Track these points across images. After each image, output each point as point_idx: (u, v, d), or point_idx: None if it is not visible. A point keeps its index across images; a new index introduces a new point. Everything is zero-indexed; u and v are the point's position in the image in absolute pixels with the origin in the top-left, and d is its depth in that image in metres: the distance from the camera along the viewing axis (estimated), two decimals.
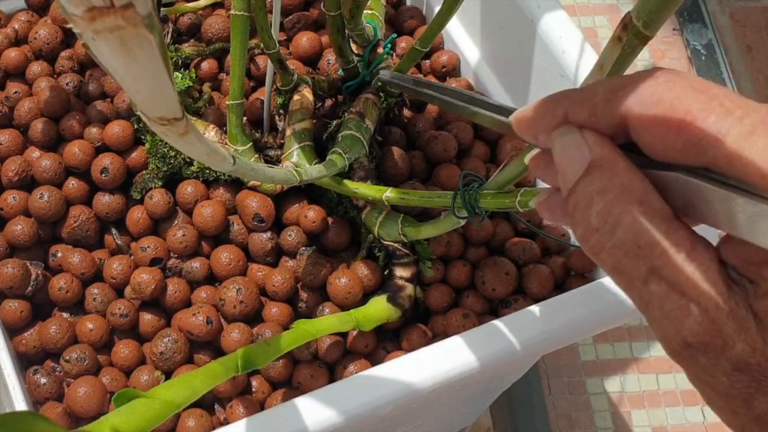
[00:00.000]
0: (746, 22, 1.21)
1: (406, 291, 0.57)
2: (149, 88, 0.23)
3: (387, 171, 0.61)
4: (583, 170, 0.25)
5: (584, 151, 0.25)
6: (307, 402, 0.47)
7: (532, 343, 0.50)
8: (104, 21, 0.19)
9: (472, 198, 0.47)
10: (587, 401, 0.96)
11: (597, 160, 0.25)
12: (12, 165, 0.60)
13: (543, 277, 0.58)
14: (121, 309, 0.56)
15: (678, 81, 0.23)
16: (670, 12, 0.31)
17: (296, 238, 0.59)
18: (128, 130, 0.62)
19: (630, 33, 0.33)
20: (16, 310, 0.56)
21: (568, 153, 0.26)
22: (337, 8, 0.55)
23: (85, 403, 0.52)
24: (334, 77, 0.62)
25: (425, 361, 0.49)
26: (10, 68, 0.66)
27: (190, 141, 0.29)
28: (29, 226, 0.59)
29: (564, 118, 0.26)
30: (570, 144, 0.26)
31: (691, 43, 1.20)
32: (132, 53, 0.20)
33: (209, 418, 0.54)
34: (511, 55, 0.66)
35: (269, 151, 0.61)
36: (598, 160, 0.25)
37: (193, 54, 0.66)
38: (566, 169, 0.26)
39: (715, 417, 0.99)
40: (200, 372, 0.42)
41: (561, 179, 0.26)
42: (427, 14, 0.74)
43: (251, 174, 0.43)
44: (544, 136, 0.27)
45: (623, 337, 1.00)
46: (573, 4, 1.22)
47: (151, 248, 0.58)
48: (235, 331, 0.55)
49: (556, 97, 0.27)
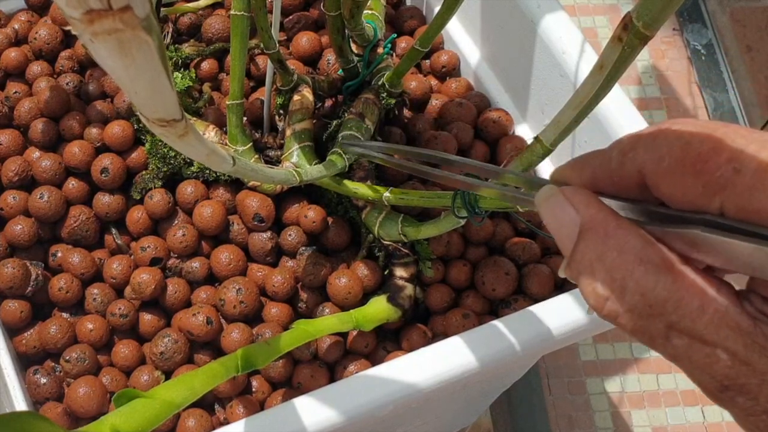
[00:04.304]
0: (746, 22, 1.21)
1: (406, 291, 0.57)
2: (148, 90, 0.23)
3: (387, 171, 0.61)
4: (576, 235, 0.24)
5: (572, 214, 0.25)
6: (307, 402, 0.47)
7: (532, 343, 0.50)
8: (102, 23, 0.19)
9: (472, 198, 0.47)
10: (587, 401, 0.96)
11: (587, 224, 0.24)
12: (12, 165, 0.60)
13: (543, 277, 0.58)
14: (121, 309, 0.56)
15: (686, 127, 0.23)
16: (670, 12, 0.31)
17: (296, 238, 0.59)
18: (128, 130, 0.62)
19: (630, 33, 0.32)
20: (16, 310, 0.56)
21: (555, 218, 0.25)
22: (337, 8, 0.55)
23: (85, 403, 0.52)
24: (334, 77, 0.62)
25: (425, 361, 0.49)
26: (10, 68, 0.66)
27: (190, 142, 0.29)
28: (29, 226, 0.59)
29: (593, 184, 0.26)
30: (555, 207, 0.25)
31: (691, 43, 1.20)
32: (130, 55, 0.20)
33: (209, 418, 0.54)
34: (511, 55, 0.66)
35: (269, 152, 0.61)
36: (588, 223, 0.24)
37: (193, 54, 0.66)
38: (558, 234, 0.25)
39: (715, 417, 1.00)
40: (200, 372, 0.42)
41: (558, 245, 0.25)
42: (427, 14, 0.74)
43: (251, 174, 0.43)
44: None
45: (623, 337, 1.00)
46: (573, 4, 1.22)
47: (151, 248, 0.58)
48: (235, 331, 0.55)
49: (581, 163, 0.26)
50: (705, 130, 0.23)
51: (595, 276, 0.24)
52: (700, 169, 0.22)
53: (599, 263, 0.23)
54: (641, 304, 0.23)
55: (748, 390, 0.22)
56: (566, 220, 0.25)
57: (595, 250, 0.24)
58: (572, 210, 0.25)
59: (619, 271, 0.23)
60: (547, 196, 0.26)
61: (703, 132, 0.23)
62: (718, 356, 0.22)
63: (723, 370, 0.22)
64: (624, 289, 0.23)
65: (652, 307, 0.23)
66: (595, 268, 0.24)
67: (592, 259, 0.24)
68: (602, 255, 0.23)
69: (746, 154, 0.22)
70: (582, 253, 0.24)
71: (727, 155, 0.22)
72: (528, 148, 0.44)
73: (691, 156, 0.22)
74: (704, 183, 0.22)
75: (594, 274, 0.24)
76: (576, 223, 0.24)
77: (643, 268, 0.23)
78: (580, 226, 0.24)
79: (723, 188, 0.22)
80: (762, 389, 0.22)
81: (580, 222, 0.24)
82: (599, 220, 0.24)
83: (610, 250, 0.23)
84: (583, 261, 0.24)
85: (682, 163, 0.23)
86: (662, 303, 0.22)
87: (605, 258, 0.23)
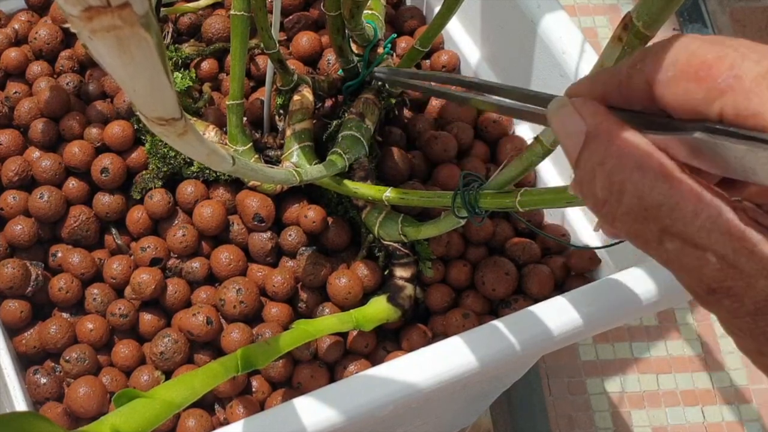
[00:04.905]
0: (746, 22, 1.21)
1: (406, 291, 0.57)
2: (147, 88, 0.23)
3: (387, 171, 0.61)
4: (582, 143, 0.25)
5: (579, 123, 0.25)
6: (307, 402, 0.47)
7: (532, 343, 0.50)
8: (101, 20, 0.19)
9: (472, 198, 0.47)
10: (587, 401, 0.96)
11: (592, 131, 0.25)
12: (12, 165, 0.60)
13: (543, 277, 0.58)
14: (121, 309, 0.56)
15: (692, 40, 0.24)
16: (670, 12, 0.31)
17: (296, 238, 0.59)
18: (128, 130, 0.62)
19: (630, 33, 0.33)
20: (16, 310, 0.56)
21: (564, 127, 0.26)
22: (337, 8, 0.55)
23: (85, 403, 0.52)
24: (334, 77, 0.62)
25: (425, 361, 0.49)
26: (10, 68, 0.66)
27: (189, 141, 0.29)
28: (29, 226, 0.59)
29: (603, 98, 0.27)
30: (564, 117, 0.26)
31: None
32: (129, 53, 0.20)
33: (209, 418, 0.54)
34: (511, 55, 0.66)
35: (269, 152, 0.61)
36: (593, 131, 0.25)
37: (193, 54, 0.66)
38: (566, 143, 0.26)
39: (715, 417, 1.00)
40: (200, 372, 0.42)
41: (565, 155, 0.26)
42: (427, 14, 0.74)
43: (251, 174, 0.43)
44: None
45: (623, 337, 1.00)
46: (573, 4, 1.22)
47: (151, 248, 0.58)
48: (235, 331, 0.55)
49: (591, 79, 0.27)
50: (711, 41, 0.23)
51: (595, 180, 0.25)
52: (704, 75, 0.23)
53: (600, 167, 0.24)
54: (637, 207, 0.24)
55: (734, 292, 0.23)
56: (574, 129, 0.26)
57: (598, 155, 0.25)
58: (580, 119, 0.25)
59: (618, 175, 0.24)
60: (558, 107, 0.27)
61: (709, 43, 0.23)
62: (708, 259, 0.23)
63: (712, 273, 0.23)
64: (622, 193, 0.24)
65: (648, 211, 0.23)
66: (596, 172, 0.24)
67: (594, 164, 0.25)
68: (603, 160, 0.24)
69: (747, 63, 0.22)
70: (585, 159, 0.25)
71: (729, 63, 0.23)
72: (528, 148, 0.44)
73: (695, 64, 0.23)
74: (706, 89, 0.23)
75: (594, 179, 0.25)
76: (583, 131, 0.25)
77: (641, 173, 0.24)
78: (585, 134, 0.25)
79: (723, 93, 0.23)
80: (747, 291, 0.22)
81: (586, 130, 0.25)
82: (604, 128, 0.25)
83: (611, 155, 0.24)
84: (585, 166, 0.25)
85: (686, 71, 0.23)
86: (657, 207, 0.23)
87: (606, 162, 0.24)
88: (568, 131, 0.26)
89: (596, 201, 0.25)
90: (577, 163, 0.25)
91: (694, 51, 0.23)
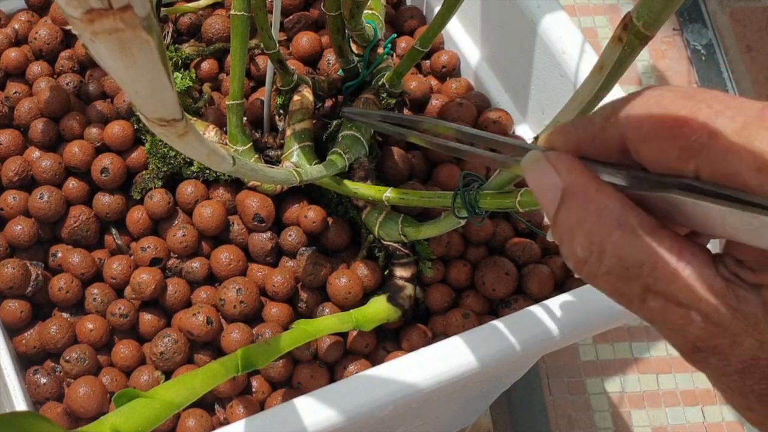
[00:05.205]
0: (746, 22, 1.21)
1: (406, 291, 0.57)
2: (148, 90, 0.23)
3: (387, 171, 0.61)
4: (558, 198, 0.25)
5: (555, 178, 0.25)
6: (307, 402, 0.47)
7: (532, 343, 0.50)
8: (102, 23, 0.19)
9: (472, 198, 0.47)
10: (587, 401, 0.96)
11: (569, 188, 0.25)
12: (12, 165, 0.60)
13: (543, 277, 0.58)
14: (121, 309, 0.56)
15: (665, 94, 0.24)
16: (670, 12, 0.31)
17: (296, 238, 0.59)
18: (128, 130, 0.62)
19: (630, 33, 0.33)
20: (16, 310, 0.56)
21: (540, 182, 0.26)
22: (337, 8, 0.55)
23: (85, 403, 0.52)
24: (334, 77, 0.62)
25: (425, 361, 0.49)
26: (10, 68, 0.66)
27: (190, 142, 0.29)
28: (29, 226, 0.59)
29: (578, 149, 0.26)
30: (539, 172, 0.26)
31: (691, 43, 1.20)
32: (131, 55, 0.20)
33: (209, 418, 0.54)
34: (511, 55, 0.66)
35: (269, 151, 0.61)
36: (569, 188, 0.25)
37: (193, 54, 0.66)
38: (543, 200, 0.25)
39: (715, 417, 1.00)
40: (200, 372, 0.42)
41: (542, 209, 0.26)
42: (427, 14, 0.74)
43: (251, 174, 0.43)
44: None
45: (623, 337, 1.00)
46: (573, 4, 1.22)
47: (151, 248, 0.58)
48: (235, 331, 0.55)
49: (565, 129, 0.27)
50: (684, 96, 0.23)
51: (575, 239, 0.24)
52: (677, 133, 0.23)
53: (579, 227, 0.24)
54: (618, 267, 0.23)
55: (720, 351, 0.22)
56: (549, 185, 0.25)
57: (576, 214, 0.24)
58: (555, 174, 0.25)
59: (598, 234, 0.24)
60: (532, 161, 0.26)
61: (681, 98, 0.23)
62: (692, 318, 0.22)
63: (696, 332, 0.22)
64: (602, 252, 0.24)
65: (629, 270, 0.23)
66: (575, 232, 0.24)
67: (573, 223, 0.24)
68: (582, 219, 0.24)
69: (721, 119, 0.22)
70: (563, 217, 0.25)
71: (702, 120, 0.22)
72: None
73: (669, 121, 0.23)
74: (680, 147, 0.23)
75: (574, 238, 0.24)
76: (559, 187, 0.25)
77: (620, 232, 0.23)
78: (562, 190, 0.25)
79: (698, 152, 0.22)
80: (733, 350, 0.22)
81: (562, 186, 0.25)
82: (580, 185, 0.24)
83: (589, 214, 0.24)
84: (564, 224, 0.25)
85: (660, 128, 0.23)
86: (639, 265, 0.23)
87: (585, 221, 0.24)
88: (543, 187, 0.25)
89: (576, 260, 0.24)
90: (555, 219, 0.25)
91: (667, 106, 0.23)
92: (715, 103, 0.22)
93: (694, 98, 0.23)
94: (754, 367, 0.22)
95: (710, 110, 0.22)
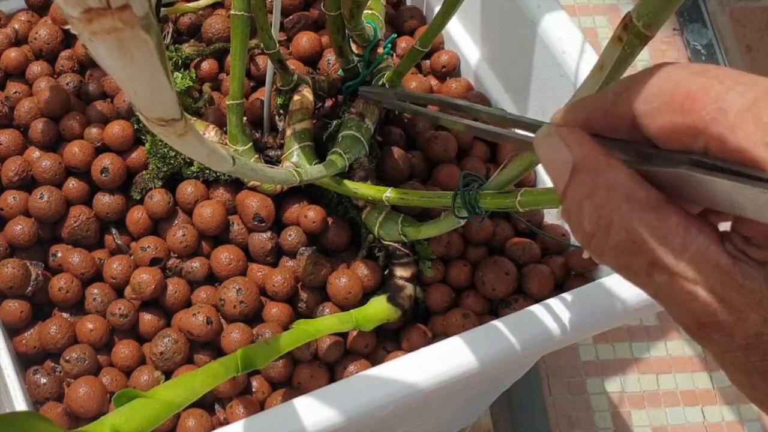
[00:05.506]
0: (746, 22, 1.21)
1: (406, 291, 0.57)
2: (147, 89, 0.23)
3: (387, 171, 0.61)
4: (569, 174, 0.25)
5: (565, 153, 0.25)
6: (307, 402, 0.47)
7: (532, 343, 0.50)
8: (101, 22, 0.19)
9: (472, 198, 0.47)
10: (587, 401, 0.96)
11: (579, 162, 0.25)
12: (12, 165, 0.60)
13: (543, 277, 0.58)
14: (121, 309, 0.56)
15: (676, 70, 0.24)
16: (670, 12, 0.31)
17: (296, 238, 0.59)
18: (128, 130, 0.62)
19: (630, 33, 0.33)
20: (16, 310, 0.56)
21: (551, 157, 0.26)
22: (337, 8, 0.55)
23: (85, 403, 0.52)
24: (334, 77, 0.62)
25: (425, 361, 0.49)
26: (10, 68, 0.66)
27: (189, 141, 0.29)
28: (29, 226, 0.59)
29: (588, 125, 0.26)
30: (551, 146, 0.26)
31: (691, 43, 1.20)
32: (129, 54, 0.20)
33: (209, 418, 0.54)
34: (511, 55, 0.66)
35: (269, 151, 0.61)
36: (580, 162, 0.25)
37: (193, 54, 0.66)
38: (553, 174, 0.26)
39: (715, 417, 1.00)
40: (200, 372, 0.42)
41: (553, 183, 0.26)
42: (427, 14, 0.74)
43: (251, 174, 0.43)
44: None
45: (623, 337, 1.00)
46: (573, 4, 1.22)
47: (151, 248, 0.58)
48: (235, 331, 0.55)
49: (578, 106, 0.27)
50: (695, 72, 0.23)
51: (583, 213, 0.24)
52: (688, 108, 0.23)
53: (588, 200, 0.24)
54: (626, 241, 0.23)
55: (724, 327, 0.22)
56: (560, 159, 0.25)
57: (585, 188, 0.24)
58: (566, 149, 0.25)
59: (606, 208, 0.24)
60: (544, 136, 0.26)
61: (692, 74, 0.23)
62: (697, 293, 0.22)
63: (701, 307, 0.22)
64: (610, 226, 0.24)
65: (636, 244, 0.23)
66: (583, 205, 0.24)
67: (582, 197, 0.24)
68: (591, 192, 0.24)
69: (732, 95, 0.22)
70: (573, 191, 0.25)
71: (713, 95, 0.22)
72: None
73: (680, 96, 0.23)
74: (691, 122, 0.23)
75: (582, 212, 0.24)
76: (569, 161, 0.25)
77: (629, 206, 0.23)
78: (572, 164, 0.25)
79: (708, 127, 0.22)
80: (737, 326, 0.22)
81: (573, 161, 0.25)
82: (590, 159, 0.25)
83: (598, 187, 0.24)
84: (573, 198, 0.25)
85: (671, 103, 0.23)
86: (646, 240, 0.23)
87: (594, 195, 0.24)
88: (554, 161, 0.26)
89: (584, 234, 0.25)
90: (565, 193, 0.25)
91: (678, 81, 0.23)
92: (726, 79, 0.22)
93: (705, 74, 0.23)
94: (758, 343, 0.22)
95: (721, 86, 0.22)
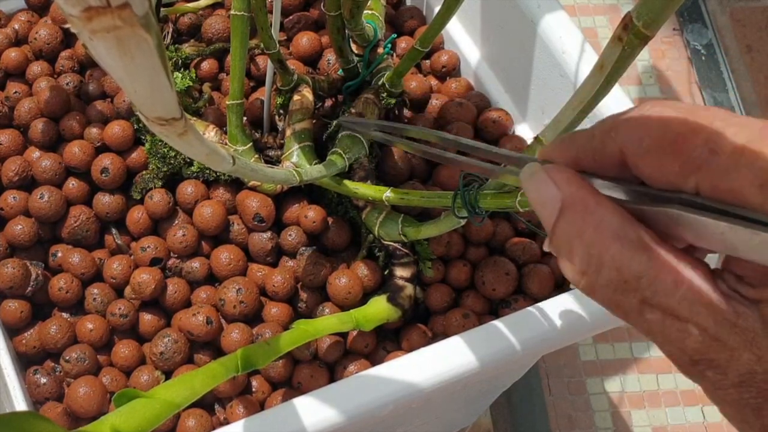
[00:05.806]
0: (746, 22, 1.21)
1: (406, 291, 0.57)
2: (147, 89, 0.23)
3: (387, 171, 0.61)
4: (557, 211, 0.25)
5: (553, 191, 0.25)
6: (307, 402, 0.47)
7: (532, 343, 0.50)
8: (101, 21, 0.19)
9: (472, 198, 0.47)
10: (587, 401, 0.96)
11: (567, 201, 0.25)
12: (12, 165, 0.60)
13: (543, 277, 0.58)
14: (121, 309, 0.56)
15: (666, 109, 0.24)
16: (670, 12, 0.31)
17: (296, 238, 0.59)
18: (128, 130, 0.62)
19: (630, 33, 0.32)
20: (16, 310, 0.56)
21: (538, 194, 0.26)
22: (337, 8, 0.55)
23: (85, 403, 0.52)
24: (334, 77, 0.62)
25: (425, 361, 0.49)
26: (10, 68, 0.66)
27: (189, 141, 0.29)
28: (29, 226, 0.59)
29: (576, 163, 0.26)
30: (538, 184, 0.26)
31: (691, 43, 1.20)
32: (129, 53, 0.20)
33: (209, 418, 0.54)
34: (511, 55, 0.66)
35: (269, 151, 0.61)
36: (568, 201, 0.25)
37: (193, 54, 0.66)
38: (541, 211, 0.26)
39: (715, 417, 0.99)
40: (200, 372, 0.42)
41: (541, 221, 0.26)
42: (427, 14, 0.74)
43: (251, 174, 0.43)
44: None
45: (623, 337, 1.00)
46: (573, 4, 1.22)
47: (151, 248, 0.58)
48: (235, 331, 0.55)
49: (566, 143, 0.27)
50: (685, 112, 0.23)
51: (573, 251, 0.24)
52: (678, 149, 0.23)
53: (577, 239, 0.24)
54: (617, 279, 0.23)
55: (717, 364, 0.22)
56: (548, 197, 0.25)
57: (574, 227, 0.24)
58: (554, 187, 0.25)
59: (596, 247, 0.24)
60: (531, 173, 0.26)
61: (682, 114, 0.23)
62: (690, 331, 0.22)
63: (694, 345, 0.23)
64: (600, 264, 0.24)
65: (627, 283, 0.23)
66: (573, 244, 0.24)
67: (571, 235, 0.24)
68: (580, 231, 0.24)
69: (723, 137, 0.22)
70: (562, 229, 0.25)
71: (704, 137, 0.22)
72: (528, 148, 0.44)
73: (670, 136, 0.23)
74: (681, 163, 0.23)
75: (572, 250, 0.24)
76: (557, 199, 0.25)
77: (619, 245, 0.23)
78: (560, 202, 0.25)
79: (699, 168, 0.22)
80: (731, 364, 0.22)
81: (561, 199, 0.25)
82: (579, 198, 0.24)
83: (588, 226, 0.24)
84: (562, 237, 0.25)
85: (660, 144, 0.23)
86: (637, 278, 0.23)
87: (583, 234, 0.24)
88: (542, 199, 0.25)
89: (575, 273, 0.24)
90: (553, 231, 0.25)
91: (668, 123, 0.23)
92: (717, 120, 0.22)
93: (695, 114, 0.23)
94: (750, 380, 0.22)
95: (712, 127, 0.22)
